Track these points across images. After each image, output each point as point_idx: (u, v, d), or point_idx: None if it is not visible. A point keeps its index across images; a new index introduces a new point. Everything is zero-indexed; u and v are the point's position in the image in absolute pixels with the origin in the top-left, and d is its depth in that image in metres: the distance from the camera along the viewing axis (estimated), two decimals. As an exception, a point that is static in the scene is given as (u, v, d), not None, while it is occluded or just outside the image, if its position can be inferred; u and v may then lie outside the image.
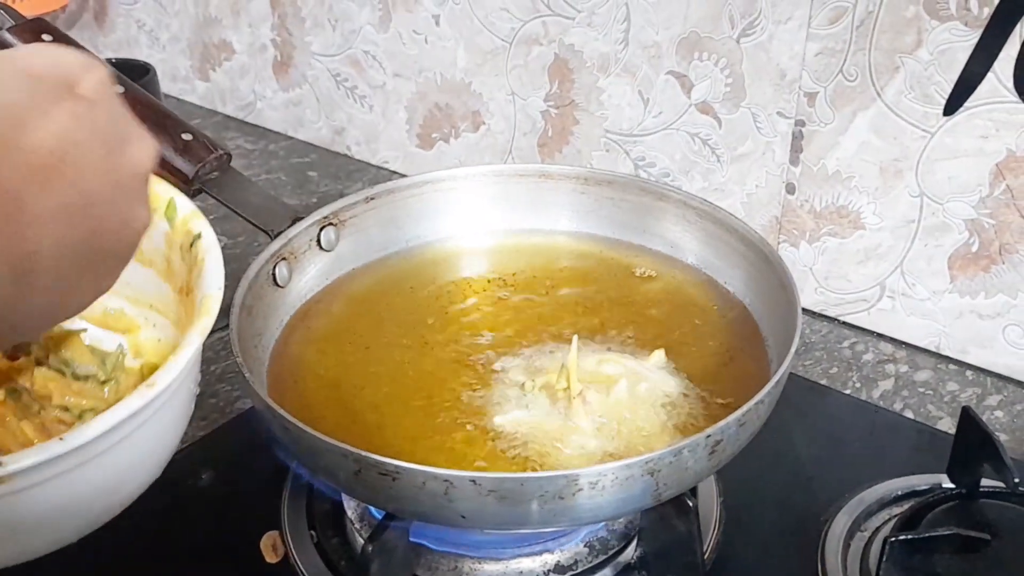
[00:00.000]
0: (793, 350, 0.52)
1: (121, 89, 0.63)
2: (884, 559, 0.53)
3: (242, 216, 0.65)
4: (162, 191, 0.58)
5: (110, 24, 1.27)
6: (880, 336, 0.79)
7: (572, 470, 0.45)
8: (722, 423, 0.47)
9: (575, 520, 0.49)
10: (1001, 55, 0.65)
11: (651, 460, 0.45)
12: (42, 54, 0.35)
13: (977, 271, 0.72)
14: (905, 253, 0.75)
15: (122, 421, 0.42)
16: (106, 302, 0.62)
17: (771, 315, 0.61)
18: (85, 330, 0.61)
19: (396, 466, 0.45)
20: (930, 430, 0.69)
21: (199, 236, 0.55)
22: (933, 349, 0.77)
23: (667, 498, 0.49)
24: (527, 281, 0.67)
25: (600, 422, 0.53)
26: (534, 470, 0.51)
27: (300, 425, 0.47)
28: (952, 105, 0.68)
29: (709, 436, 0.47)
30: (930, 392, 0.73)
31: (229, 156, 0.67)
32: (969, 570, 0.54)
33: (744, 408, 0.48)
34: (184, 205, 0.58)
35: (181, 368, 0.45)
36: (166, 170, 0.65)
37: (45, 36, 0.65)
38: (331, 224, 0.67)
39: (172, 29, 1.20)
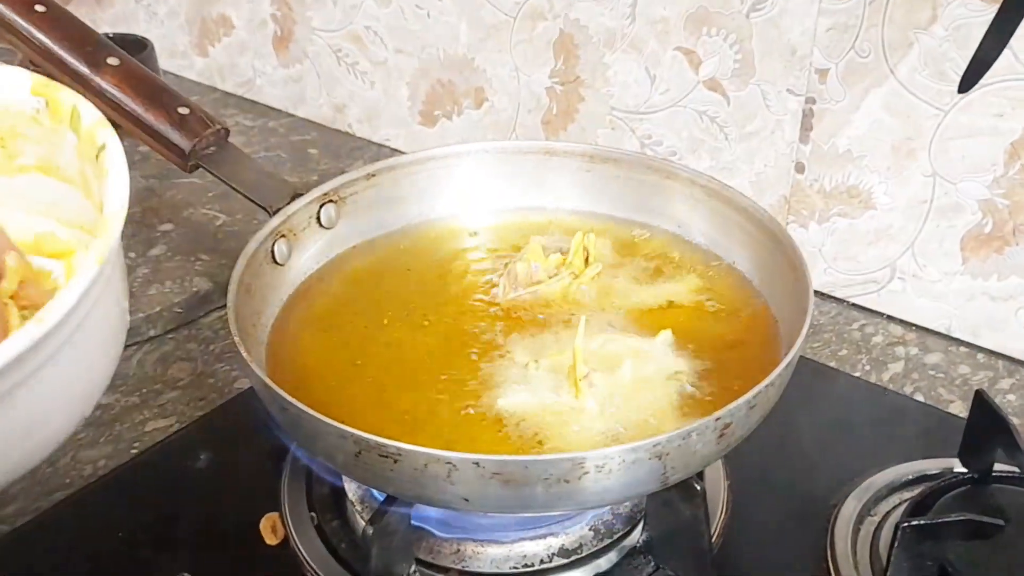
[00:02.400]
0: (804, 332, 0.50)
1: None
2: (895, 544, 0.52)
3: (240, 192, 0.63)
4: (64, 98, 0.51)
5: (108, -1, 1.25)
6: (890, 318, 0.78)
7: (578, 453, 0.44)
8: (732, 406, 0.46)
9: (580, 504, 0.48)
10: (1018, 31, 0.63)
11: (659, 443, 0.44)
12: None
13: (990, 252, 0.71)
14: (917, 234, 0.74)
15: (8, 363, 0.37)
16: (35, 226, 0.56)
17: (781, 296, 0.59)
18: None
19: (397, 448, 0.44)
20: (940, 413, 0.68)
21: (103, 147, 0.49)
22: (944, 331, 0.76)
23: (674, 482, 0.48)
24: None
25: (606, 404, 0.52)
26: (538, 452, 0.49)
27: (299, 405, 0.46)
28: (967, 82, 0.67)
29: (718, 419, 0.45)
30: (941, 375, 0.72)
31: (227, 131, 0.65)
32: (981, 556, 0.53)
33: (754, 391, 0.46)
34: (89, 113, 0.51)
35: (74, 301, 0.40)
36: (162, 144, 0.63)
37: (38, 7, 0.64)
38: (331, 201, 0.65)
39: (170, 3, 1.18)
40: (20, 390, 0.40)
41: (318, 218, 0.65)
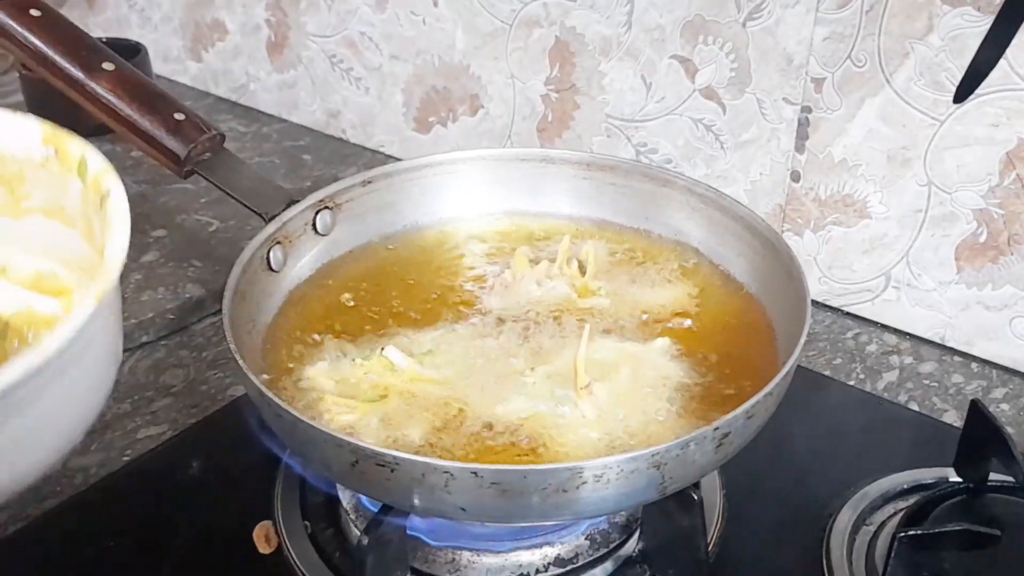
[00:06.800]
0: (802, 341, 0.50)
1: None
2: (891, 555, 0.52)
3: (235, 198, 0.63)
4: (74, 148, 0.53)
5: (101, 2, 1.25)
6: (884, 327, 0.78)
7: (576, 463, 0.43)
8: (730, 415, 0.45)
9: (578, 513, 0.47)
10: (1014, 41, 0.64)
11: (657, 453, 0.44)
12: None
13: (985, 262, 0.71)
14: (911, 243, 0.74)
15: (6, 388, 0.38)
16: (38, 264, 0.59)
17: (778, 304, 0.59)
18: None
19: (395, 457, 0.43)
20: (935, 423, 0.68)
21: (107, 193, 0.50)
22: (938, 341, 0.76)
23: (672, 491, 0.48)
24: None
25: (604, 412, 0.52)
26: (536, 461, 0.49)
27: (294, 413, 0.45)
28: (962, 92, 0.67)
29: (717, 428, 0.45)
30: (935, 384, 0.72)
31: (222, 137, 0.65)
32: (978, 566, 0.53)
33: (753, 400, 0.46)
34: (96, 161, 0.52)
35: (72, 333, 0.41)
36: (157, 150, 0.63)
37: (33, 11, 0.63)
38: (327, 208, 0.65)
39: (164, 8, 1.17)
40: (12, 417, 0.41)
41: (314, 224, 0.65)
